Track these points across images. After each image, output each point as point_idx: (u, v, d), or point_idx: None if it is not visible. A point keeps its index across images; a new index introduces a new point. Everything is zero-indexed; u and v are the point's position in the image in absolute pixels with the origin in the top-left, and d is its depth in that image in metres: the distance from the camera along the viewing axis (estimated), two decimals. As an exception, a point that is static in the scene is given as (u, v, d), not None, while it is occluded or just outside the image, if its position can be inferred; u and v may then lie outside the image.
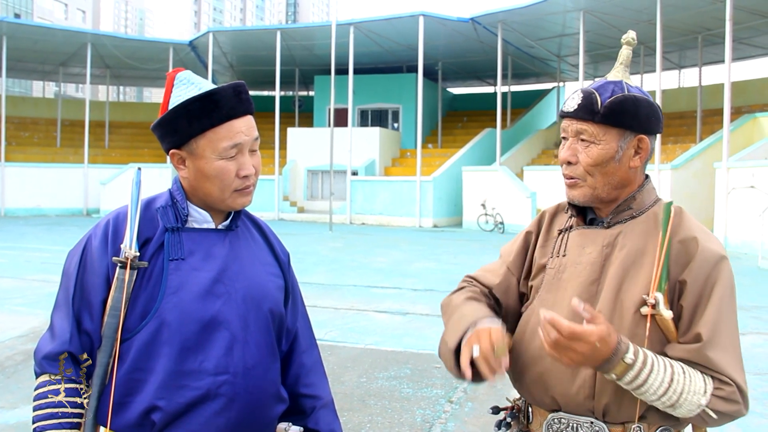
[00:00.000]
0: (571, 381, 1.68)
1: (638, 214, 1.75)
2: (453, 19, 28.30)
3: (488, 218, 25.67)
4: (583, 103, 1.71)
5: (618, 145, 1.70)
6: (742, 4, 21.97)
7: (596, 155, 1.70)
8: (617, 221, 1.76)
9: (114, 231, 1.68)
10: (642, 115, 1.71)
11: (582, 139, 1.72)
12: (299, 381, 1.88)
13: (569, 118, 1.74)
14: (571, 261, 1.78)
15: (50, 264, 13.48)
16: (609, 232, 1.75)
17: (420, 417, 5.12)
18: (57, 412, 1.59)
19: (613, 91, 1.71)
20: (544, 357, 1.71)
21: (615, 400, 1.63)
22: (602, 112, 1.68)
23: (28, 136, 36.30)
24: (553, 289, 1.79)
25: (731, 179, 19.02)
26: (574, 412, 1.69)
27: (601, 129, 1.70)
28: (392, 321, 8.67)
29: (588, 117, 1.70)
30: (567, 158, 1.75)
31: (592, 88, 1.74)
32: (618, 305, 1.66)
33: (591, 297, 1.71)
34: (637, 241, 1.71)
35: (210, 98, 1.65)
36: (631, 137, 1.71)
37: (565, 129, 1.76)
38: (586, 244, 1.77)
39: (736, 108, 24.65)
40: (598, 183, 1.72)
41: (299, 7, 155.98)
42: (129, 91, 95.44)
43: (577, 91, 1.77)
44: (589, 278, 1.73)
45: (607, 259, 1.72)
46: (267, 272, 1.82)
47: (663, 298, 1.60)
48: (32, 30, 32.61)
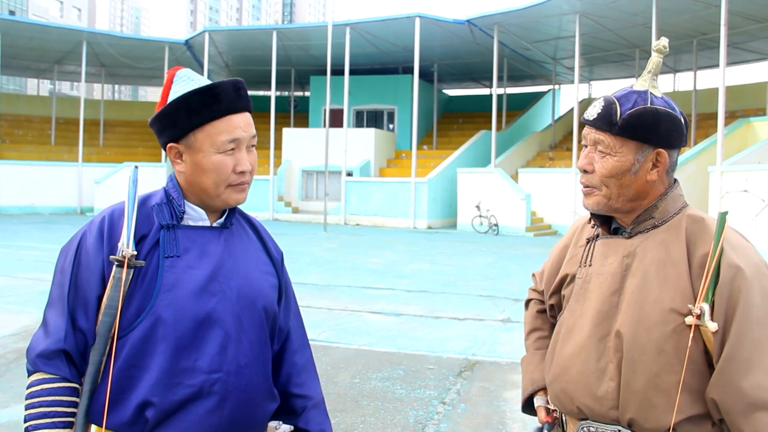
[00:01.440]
0: (595, 392, 1.69)
1: (661, 223, 1.72)
2: (449, 20, 28.32)
3: (483, 220, 25.69)
4: (603, 113, 1.69)
5: (635, 157, 1.68)
6: (737, 9, 22.05)
7: (611, 167, 1.68)
8: (639, 231, 1.74)
9: (110, 228, 1.68)
10: (662, 129, 1.68)
11: (599, 149, 1.71)
12: (291, 380, 1.88)
13: (589, 126, 1.73)
14: (596, 271, 1.78)
15: (43, 262, 13.43)
16: (630, 242, 1.74)
17: (413, 418, 5.12)
18: (50, 411, 1.59)
19: (636, 102, 1.68)
20: (571, 367, 1.74)
21: (640, 413, 1.62)
22: (620, 124, 1.66)
23: (23, 133, 36.19)
24: (580, 299, 1.79)
25: (725, 183, 19.08)
26: (600, 420, 1.69)
27: (618, 141, 1.67)
28: (386, 322, 8.67)
29: (605, 128, 1.68)
30: (583, 166, 1.74)
31: (614, 97, 1.71)
32: (643, 319, 1.64)
33: (612, 308, 1.70)
34: (659, 251, 1.68)
35: (210, 92, 1.65)
36: (649, 150, 1.69)
37: (585, 136, 1.75)
38: (609, 254, 1.77)
39: (730, 112, 24.74)
40: (613, 194, 1.71)
41: (295, 7, 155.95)
42: (124, 90, 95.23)
43: (600, 98, 1.74)
44: (610, 289, 1.72)
45: (628, 270, 1.71)
46: (261, 271, 1.82)
47: (709, 310, 1.56)
48: (27, 27, 32.49)
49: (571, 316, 1.80)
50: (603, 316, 1.71)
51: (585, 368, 1.71)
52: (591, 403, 1.69)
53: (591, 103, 1.61)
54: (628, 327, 1.65)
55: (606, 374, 1.67)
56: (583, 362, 1.71)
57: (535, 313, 2.09)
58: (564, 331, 1.81)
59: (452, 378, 6.20)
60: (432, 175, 27.95)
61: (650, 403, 1.61)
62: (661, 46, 1.79)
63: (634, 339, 1.64)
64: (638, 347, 1.63)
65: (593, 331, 1.71)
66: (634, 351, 1.64)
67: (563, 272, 1.90)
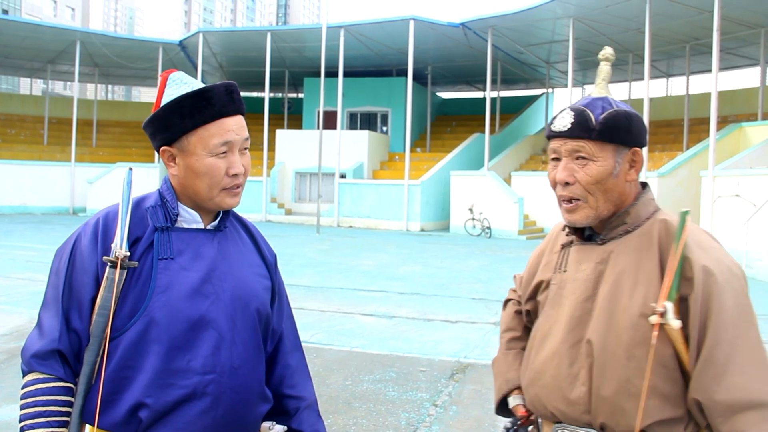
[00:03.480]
0: (568, 396, 1.70)
1: (633, 228, 1.73)
2: (443, 23, 28.35)
3: (475, 223, 25.72)
4: (577, 121, 1.69)
5: (615, 160, 1.69)
6: (730, 14, 22.15)
7: (595, 172, 1.68)
8: (612, 237, 1.74)
9: (104, 230, 1.69)
10: (634, 129, 1.70)
11: (579, 157, 1.69)
12: (284, 382, 1.89)
13: (563, 137, 1.71)
14: (570, 277, 1.79)
15: (35, 262, 13.40)
16: (603, 248, 1.74)
17: (405, 420, 5.13)
18: (44, 410, 1.60)
19: (603, 108, 1.70)
20: (545, 372, 1.76)
21: (611, 417, 1.64)
22: (598, 128, 1.67)
23: (15, 133, 36.06)
24: (555, 305, 1.81)
25: (717, 188, 19.15)
26: (574, 424, 1.71)
27: (598, 146, 1.68)
28: (378, 324, 8.68)
29: (584, 134, 1.68)
30: (564, 179, 1.71)
31: (581, 106, 1.72)
32: (613, 325, 1.65)
33: (585, 314, 1.71)
34: (631, 257, 1.69)
35: (202, 95, 1.66)
36: (625, 151, 1.70)
37: (557, 150, 1.73)
38: (582, 260, 1.77)
39: (722, 117, 24.83)
40: (599, 201, 1.71)
41: (290, 9, 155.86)
42: (117, 90, 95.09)
43: (565, 110, 1.74)
44: (584, 295, 1.73)
45: (601, 276, 1.71)
46: (254, 273, 1.84)
47: (673, 308, 1.57)
48: (20, 26, 32.37)
49: (546, 322, 1.82)
50: (576, 321, 1.72)
51: (558, 373, 1.73)
52: (564, 408, 1.71)
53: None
54: (599, 332, 1.66)
55: (578, 379, 1.69)
56: (557, 367, 1.73)
57: (513, 313, 2.11)
58: (539, 337, 1.82)
59: (444, 380, 6.21)
60: (425, 178, 27.97)
61: (621, 408, 1.62)
62: (608, 54, 1.86)
63: (605, 344, 1.65)
64: (608, 353, 1.65)
65: (566, 336, 1.73)
66: (604, 356, 1.65)
67: (538, 278, 1.92)
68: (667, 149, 26.67)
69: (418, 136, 34.71)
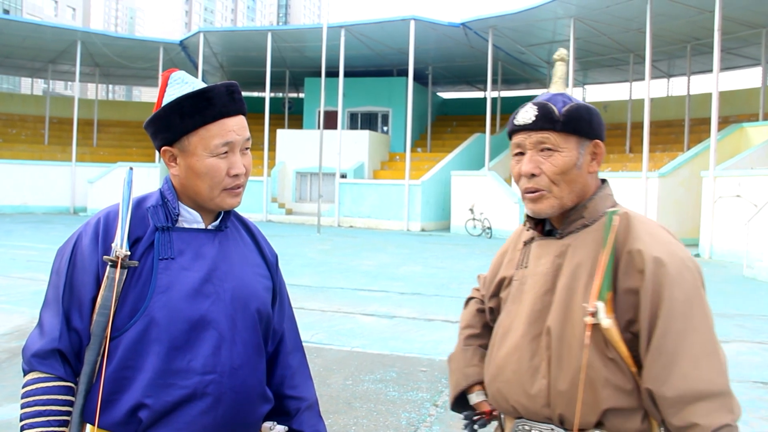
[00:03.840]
0: (529, 390, 1.72)
1: (591, 222, 1.75)
2: (444, 23, 28.36)
3: (476, 223, 25.72)
4: (541, 114, 1.72)
5: (578, 152, 1.73)
6: (731, 14, 22.14)
7: (561, 163, 1.71)
8: (570, 231, 1.77)
9: (105, 229, 1.69)
10: (594, 122, 1.75)
11: (544, 149, 1.72)
12: (284, 382, 1.89)
13: (527, 131, 1.75)
14: (530, 272, 1.82)
15: (36, 262, 13.40)
16: (562, 242, 1.77)
17: (405, 420, 5.13)
18: (45, 410, 1.59)
19: (564, 102, 1.74)
20: (506, 367, 1.78)
21: (568, 408, 1.66)
22: (562, 120, 1.70)
23: (16, 133, 36.09)
24: (516, 300, 1.83)
25: (718, 188, 19.15)
26: (534, 419, 1.73)
27: (562, 137, 1.71)
28: (379, 324, 8.68)
29: (548, 126, 1.71)
30: (530, 170, 1.74)
31: (543, 100, 1.76)
32: (569, 316, 1.68)
33: (545, 307, 1.74)
34: (587, 251, 1.72)
35: (203, 96, 1.66)
36: (587, 143, 1.75)
37: (521, 143, 1.76)
38: (542, 255, 1.80)
39: (723, 117, 24.81)
40: (564, 192, 1.73)
41: (290, 8, 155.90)
42: (118, 90, 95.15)
43: (527, 105, 1.78)
44: (542, 289, 1.76)
45: (559, 269, 1.74)
46: (255, 273, 1.83)
47: (604, 307, 1.60)
48: (21, 26, 32.40)
49: (507, 317, 1.84)
50: (536, 315, 1.75)
51: (519, 367, 1.75)
52: (525, 402, 1.73)
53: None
54: (556, 325, 1.69)
55: (539, 372, 1.71)
56: (518, 361, 1.75)
57: (474, 311, 2.12)
58: (501, 332, 1.84)
59: (445, 380, 6.20)
60: (426, 178, 27.98)
61: (576, 398, 1.64)
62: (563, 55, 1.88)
63: (562, 336, 1.68)
64: (565, 344, 1.68)
65: (527, 330, 1.76)
66: (561, 348, 1.68)
67: (501, 275, 1.95)
68: (668, 149, 26.67)
69: (418, 136, 34.71)
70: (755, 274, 14.66)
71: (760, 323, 9.53)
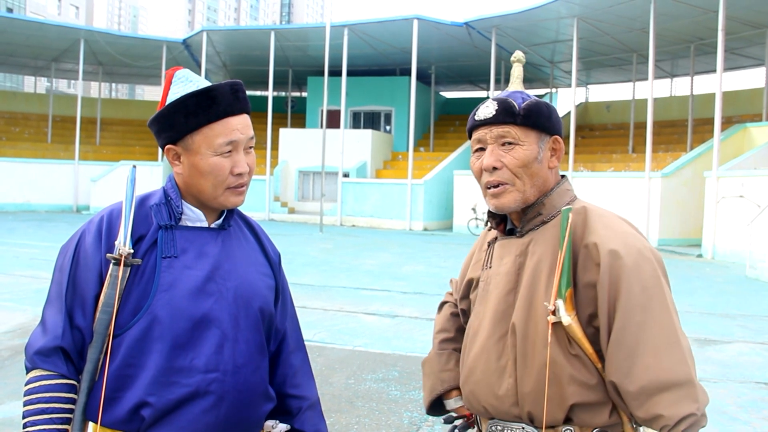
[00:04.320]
0: (497, 391, 1.73)
1: (549, 218, 1.76)
2: (447, 23, 28.36)
3: (478, 222, 25.72)
4: (502, 108, 1.74)
5: (538, 146, 1.74)
6: (735, 14, 22.10)
7: (522, 156, 1.72)
8: (529, 228, 1.77)
9: (108, 227, 1.69)
10: (553, 117, 1.78)
11: (505, 142, 1.74)
12: (287, 381, 1.89)
13: (488, 125, 1.76)
14: (494, 272, 1.82)
15: (39, 260, 13.42)
16: (522, 240, 1.78)
17: (407, 419, 5.13)
18: (47, 407, 1.60)
19: (523, 98, 1.77)
20: (476, 368, 1.78)
21: (536, 406, 1.66)
22: (522, 113, 1.73)
23: (19, 131, 36.13)
24: (483, 301, 1.83)
25: (721, 188, 19.13)
26: (504, 418, 1.73)
27: (522, 131, 1.73)
28: (381, 323, 8.68)
29: (509, 119, 1.73)
30: (492, 164, 1.74)
31: (503, 96, 1.78)
32: (532, 314, 1.68)
33: (509, 306, 1.74)
34: (547, 246, 1.72)
35: (207, 94, 1.66)
36: (547, 138, 1.77)
37: (482, 138, 1.77)
38: (504, 255, 1.81)
39: (726, 117, 24.80)
40: (526, 185, 1.74)
41: (293, 7, 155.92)
42: (121, 89, 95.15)
43: (487, 101, 1.80)
44: (506, 288, 1.76)
45: (521, 269, 1.75)
46: (258, 272, 1.83)
47: (564, 305, 1.60)
48: (25, 25, 32.45)
49: (476, 319, 1.85)
50: (501, 315, 1.75)
51: (487, 368, 1.75)
52: (494, 402, 1.73)
53: (591, 107, 1.61)
54: (520, 323, 1.69)
55: (506, 372, 1.71)
56: (485, 362, 1.76)
57: (448, 315, 2.12)
58: (471, 334, 1.85)
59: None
60: (428, 177, 27.97)
61: (543, 395, 1.64)
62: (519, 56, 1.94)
63: (525, 334, 1.68)
64: (529, 342, 1.68)
65: (493, 330, 1.76)
66: (525, 345, 1.68)
67: (468, 277, 1.96)
68: (671, 149, 26.64)
69: (421, 136, 34.71)
70: (758, 274, 14.64)
71: (763, 324, 9.52)
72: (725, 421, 5.29)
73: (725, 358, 7.38)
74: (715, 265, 17.25)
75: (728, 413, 5.50)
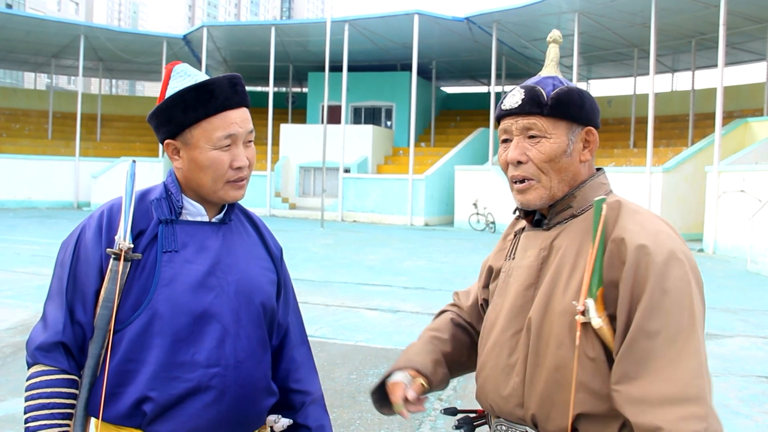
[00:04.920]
0: (504, 389, 1.63)
1: (579, 212, 1.63)
2: (448, 18, 28.32)
3: (480, 217, 25.71)
4: (528, 97, 1.61)
5: (568, 138, 1.61)
6: (736, 9, 22.06)
7: (548, 150, 1.60)
8: (557, 222, 1.65)
9: (108, 222, 1.68)
10: (587, 107, 1.63)
11: (531, 135, 1.62)
12: (289, 376, 1.88)
13: (513, 115, 1.64)
14: (516, 264, 1.71)
15: (40, 257, 13.43)
16: (548, 233, 1.66)
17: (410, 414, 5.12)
18: (48, 402, 1.59)
19: (554, 85, 1.63)
20: (486, 363, 1.70)
21: (541, 410, 1.56)
22: (550, 103, 1.59)
23: (20, 127, 36.13)
24: (502, 293, 1.73)
25: (722, 183, 19.11)
26: (509, 419, 1.64)
27: (550, 122, 1.60)
28: (383, 318, 8.68)
29: (536, 110, 1.60)
30: (516, 157, 1.63)
31: (532, 83, 1.65)
32: (549, 312, 1.57)
33: (527, 302, 1.63)
34: (574, 242, 1.60)
35: (205, 88, 1.65)
36: (579, 129, 1.63)
37: (508, 129, 1.67)
38: (529, 247, 1.70)
39: (728, 112, 24.76)
40: (553, 181, 1.62)
41: (294, 3, 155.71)
42: (121, 85, 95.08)
43: (514, 89, 1.67)
44: (526, 282, 1.65)
45: (545, 263, 1.63)
46: (259, 266, 1.82)
47: (594, 305, 1.47)
48: (24, 21, 32.44)
49: (493, 311, 1.74)
50: (518, 310, 1.65)
51: (497, 364, 1.66)
52: (499, 401, 1.65)
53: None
54: (535, 320, 1.58)
55: (513, 370, 1.62)
56: (496, 358, 1.66)
57: (447, 320, 1.98)
58: (488, 327, 1.75)
59: (448, 375, 6.20)
60: (429, 173, 27.96)
61: (551, 400, 1.54)
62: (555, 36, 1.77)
63: (540, 332, 1.58)
64: (543, 341, 1.57)
65: (508, 325, 1.66)
66: (539, 344, 1.57)
67: (488, 264, 1.86)
68: (672, 144, 26.62)
69: (422, 131, 34.69)
70: (759, 269, 14.63)
71: (764, 318, 9.52)
72: (727, 414, 5.29)
73: (726, 352, 7.38)
74: (716, 260, 17.24)
75: (730, 407, 5.50)
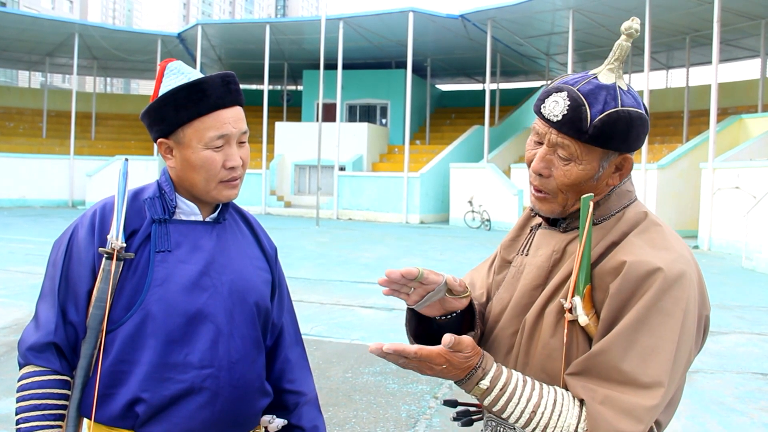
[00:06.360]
0: None
1: (599, 221, 1.53)
2: (442, 15, 28.30)
3: (475, 215, 25.72)
4: (570, 116, 1.44)
5: (600, 164, 1.49)
6: (730, 6, 22.10)
7: (575, 176, 1.48)
8: (575, 226, 1.56)
9: (101, 221, 1.67)
10: (633, 135, 1.47)
11: (560, 155, 1.49)
12: (283, 376, 1.87)
13: (551, 126, 1.48)
14: (528, 261, 1.65)
15: (34, 255, 13.38)
16: (563, 236, 1.58)
17: (405, 412, 5.12)
18: (40, 403, 1.58)
19: (606, 103, 1.44)
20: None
21: None
22: (591, 132, 1.43)
23: (14, 126, 36.01)
24: (510, 288, 1.66)
25: (717, 180, 19.15)
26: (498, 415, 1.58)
27: (585, 148, 1.46)
28: (378, 316, 8.68)
29: (573, 134, 1.44)
30: (539, 170, 1.52)
31: (581, 94, 1.45)
32: (543, 313, 1.52)
33: (530, 303, 1.57)
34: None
35: (197, 87, 1.63)
36: (614, 156, 1.50)
37: (541, 133, 1.51)
38: (542, 246, 1.62)
39: (722, 109, 24.80)
40: (570, 200, 1.53)
41: (288, 0, 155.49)
42: (116, 83, 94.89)
43: (563, 93, 1.47)
44: (534, 283, 1.59)
45: (556, 266, 1.56)
46: (254, 266, 1.81)
47: (581, 303, 1.42)
48: (18, 19, 32.30)
49: (498, 304, 1.69)
50: (521, 309, 1.60)
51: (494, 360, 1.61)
52: None
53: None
54: (530, 320, 1.54)
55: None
56: (494, 355, 1.61)
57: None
58: (492, 321, 1.70)
59: (444, 373, 6.20)
60: (425, 170, 27.96)
61: None
62: (633, 29, 1.49)
63: (532, 333, 1.54)
64: (533, 341, 1.54)
65: (509, 323, 1.61)
66: (530, 344, 1.54)
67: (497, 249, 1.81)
68: (667, 141, 26.65)
69: (417, 129, 34.68)
70: (754, 265, 14.66)
71: (759, 314, 9.54)
72: (723, 411, 5.30)
73: (722, 349, 7.40)
74: (711, 257, 17.27)
75: (726, 404, 5.51)
